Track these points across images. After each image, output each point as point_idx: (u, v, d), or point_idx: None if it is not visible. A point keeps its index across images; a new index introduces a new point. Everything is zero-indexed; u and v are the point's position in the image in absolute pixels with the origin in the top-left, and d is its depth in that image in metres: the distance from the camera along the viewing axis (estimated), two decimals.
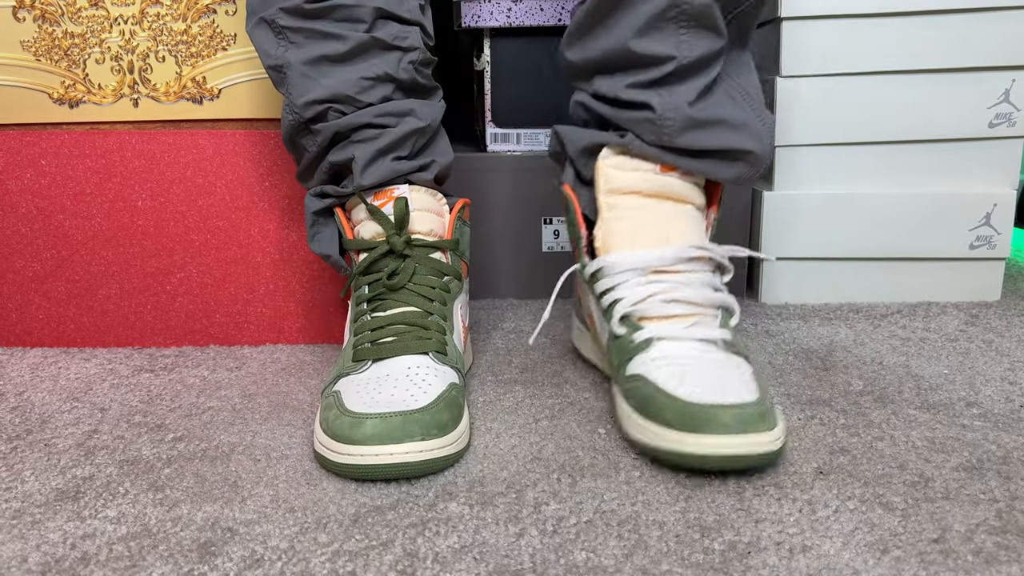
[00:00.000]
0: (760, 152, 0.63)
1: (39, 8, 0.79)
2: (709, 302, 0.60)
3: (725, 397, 0.52)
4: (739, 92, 0.64)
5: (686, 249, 0.61)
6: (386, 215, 0.65)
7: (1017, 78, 0.84)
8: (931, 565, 0.45)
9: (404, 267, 0.65)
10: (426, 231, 0.67)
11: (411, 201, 0.66)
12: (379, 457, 0.53)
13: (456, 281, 0.68)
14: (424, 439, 0.53)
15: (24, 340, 0.82)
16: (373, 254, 0.65)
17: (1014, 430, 0.60)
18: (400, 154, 0.67)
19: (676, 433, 0.52)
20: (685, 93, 0.61)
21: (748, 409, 0.51)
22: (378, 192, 0.67)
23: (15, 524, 0.51)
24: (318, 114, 0.66)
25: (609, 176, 0.64)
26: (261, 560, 0.47)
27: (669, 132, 0.62)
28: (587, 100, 0.67)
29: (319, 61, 0.65)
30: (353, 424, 0.54)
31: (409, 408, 0.55)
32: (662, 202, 0.63)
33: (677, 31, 0.60)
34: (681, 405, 0.52)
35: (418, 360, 0.61)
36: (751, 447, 0.51)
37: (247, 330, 0.82)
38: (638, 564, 0.45)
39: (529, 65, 0.92)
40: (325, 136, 0.67)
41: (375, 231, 0.66)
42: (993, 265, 0.89)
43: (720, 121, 0.62)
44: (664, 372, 0.56)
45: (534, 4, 0.88)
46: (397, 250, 0.65)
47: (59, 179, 0.78)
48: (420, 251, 0.66)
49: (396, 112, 0.67)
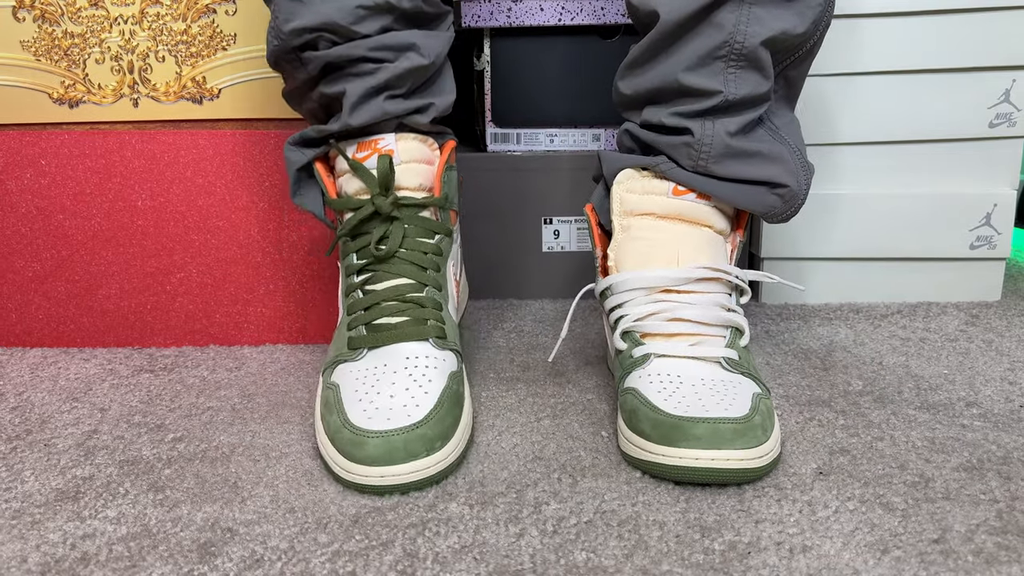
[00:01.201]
0: (795, 188, 0.64)
1: (39, 8, 0.78)
2: (716, 322, 0.61)
3: (706, 412, 0.53)
4: (780, 137, 0.65)
5: (695, 270, 0.61)
6: (369, 171, 0.62)
7: (1017, 78, 0.84)
8: (931, 565, 0.45)
9: (392, 231, 0.62)
10: (415, 186, 0.64)
11: (399, 152, 0.63)
12: (384, 479, 0.52)
13: (447, 239, 0.65)
14: (429, 454, 0.53)
15: (24, 340, 0.82)
16: (358, 214, 0.62)
17: (1014, 430, 0.60)
18: (395, 92, 0.63)
19: (652, 445, 0.53)
20: (727, 124, 0.62)
21: (726, 424, 0.52)
22: (362, 142, 0.63)
23: (15, 524, 0.51)
24: (307, 42, 0.62)
25: (624, 198, 0.65)
26: (261, 560, 0.47)
27: (705, 158, 0.62)
28: (633, 128, 0.67)
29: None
30: (355, 442, 0.53)
31: (412, 420, 0.53)
32: (676, 224, 0.64)
33: (726, 69, 0.61)
34: (659, 417, 0.53)
35: (416, 348, 0.59)
36: (722, 462, 0.51)
37: (247, 330, 0.82)
38: (638, 564, 0.45)
39: (529, 65, 0.92)
40: (315, 66, 0.63)
41: (358, 187, 0.63)
42: (993, 265, 0.89)
43: (757, 153, 0.63)
44: (654, 387, 0.56)
45: (534, 4, 0.88)
46: (383, 212, 0.62)
47: (59, 179, 0.78)
48: (408, 211, 0.63)
49: (395, 46, 0.62)
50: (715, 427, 0.51)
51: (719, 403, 0.54)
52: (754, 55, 0.61)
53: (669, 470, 0.52)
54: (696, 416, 0.52)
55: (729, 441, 0.51)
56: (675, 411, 0.53)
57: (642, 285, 0.62)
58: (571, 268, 0.94)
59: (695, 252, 0.63)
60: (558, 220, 0.93)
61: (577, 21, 0.88)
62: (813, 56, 0.66)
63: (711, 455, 0.51)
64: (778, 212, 0.65)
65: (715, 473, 0.51)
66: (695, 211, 0.64)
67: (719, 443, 0.51)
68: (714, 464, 0.51)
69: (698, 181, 0.63)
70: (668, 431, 0.52)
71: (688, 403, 0.54)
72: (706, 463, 0.51)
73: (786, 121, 0.67)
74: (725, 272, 0.62)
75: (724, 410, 0.53)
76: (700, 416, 0.52)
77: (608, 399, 0.67)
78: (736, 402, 0.54)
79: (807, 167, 0.66)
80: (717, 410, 0.53)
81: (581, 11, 0.88)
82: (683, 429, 0.52)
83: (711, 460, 0.51)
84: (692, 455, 0.51)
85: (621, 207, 0.65)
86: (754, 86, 0.62)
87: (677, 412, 0.53)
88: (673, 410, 0.53)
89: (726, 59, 0.61)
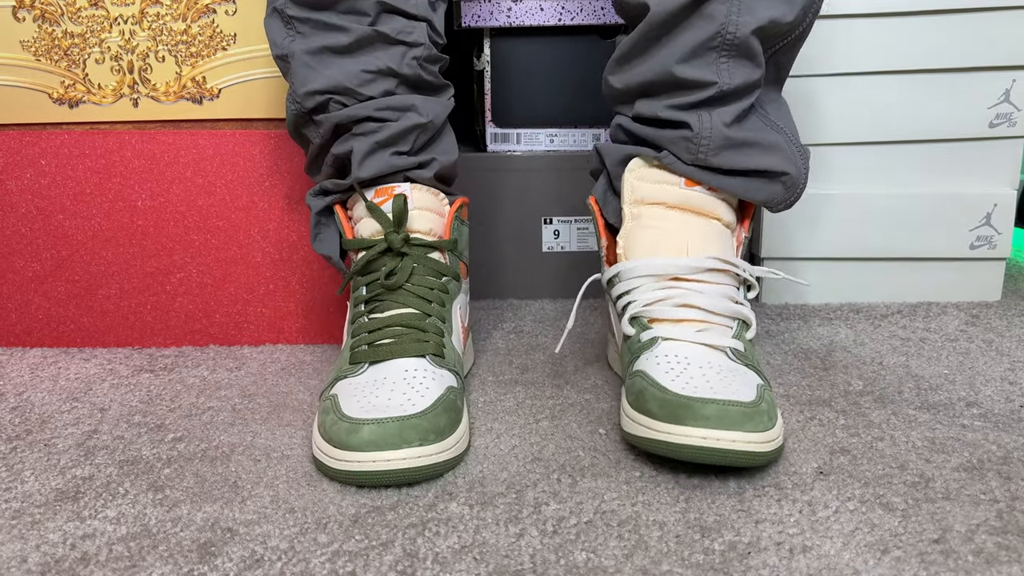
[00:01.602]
0: (795, 175, 0.64)
1: (39, 8, 0.78)
2: (725, 312, 0.60)
3: (715, 393, 0.52)
4: (772, 124, 0.66)
5: (705, 260, 0.61)
6: (384, 212, 0.65)
7: (1017, 78, 0.84)
8: (931, 565, 0.45)
9: (402, 266, 0.65)
10: (425, 230, 0.67)
11: (411, 200, 0.66)
12: (376, 464, 0.53)
13: (454, 282, 0.68)
14: (422, 444, 0.53)
15: (24, 340, 0.82)
16: (371, 252, 0.65)
17: (1014, 430, 0.60)
18: (400, 149, 0.67)
19: (659, 423, 0.52)
20: (723, 115, 0.62)
21: (734, 407, 0.51)
22: (379, 189, 0.67)
23: (15, 524, 0.51)
24: (319, 104, 0.67)
25: (635, 187, 0.65)
26: (261, 560, 0.47)
27: (704, 151, 0.63)
28: (627, 123, 0.68)
29: (321, 52, 0.66)
30: (350, 430, 0.54)
31: (406, 413, 0.54)
32: (685, 214, 0.64)
33: (719, 59, 0.61)
34: (667, 397, 0.53)
35: (415, 363, 0.61)
36: (729, 443, 0.50)
37: (247, 330, 0.82)
38: (638, 564, 0.45)
39: (529, 65, 0.92)
40: (327, 128, 0.67)
41: (374, 229, 0.66)
42: (993, 265, 0.89)
43: (755, 143, 0.63)
44: (661, 368, 0.56)
45: (534, 4, 0.88)
46: (395, 248, 0.65)
47: (59, 179, 0.78)
48: (418, 250, 0.66)
49: (397, 107, 0.67)
50: (724, 408, 0.51)
51: (727, 387, 0.54)
52: (746, 45, 0.61)
53: (675, 448, 0.52)
54: (705, 396, 0.52)
55: (738, 423, 0.51)
56: (683, 391, 0.53)
57: (651, 272, 0.62)
58: (571, 268, 0.94)
59: (704, 243, 0.63)
60: (558, 220, 0.93)
61: (577, 21, 0.88)
62: (803, 41, 0.66)
63: (718, 435, 0.50)
64: (780, 200, 0.65)
65: (722, 454, 0.51)
66: (705, 202, 0.64)
67: (728, 424, 0.51)
68: (720, 444, 0.50)
69: (699, 175, 0.64)
70: (676, 410, 0.52)
71: (696, 384, 0.54)
72: (713, 443, 0.50)
73: (776, 106, 0.67)
74: (734, 265, 0.62)
75: (732, 393, 0.52)
76: (709, 397, 0.52)
77: (607, 399, 0.67)
78: (744, 388, 0.54)
79: (803, 151, 0.66)
80: (726, 393, 0.52)
81: (581, 11, 0.88)
82: (692, 408, 0.51)
83: (718, 440, 0.50)
84: (700, 434, 0.51)
85: (632, 195, 0.65)
86: (747, 75, 0.62)
87: (686, 392, 0.53)
88: (681, 390, 0.53)
89: (718, 50, 0.61)
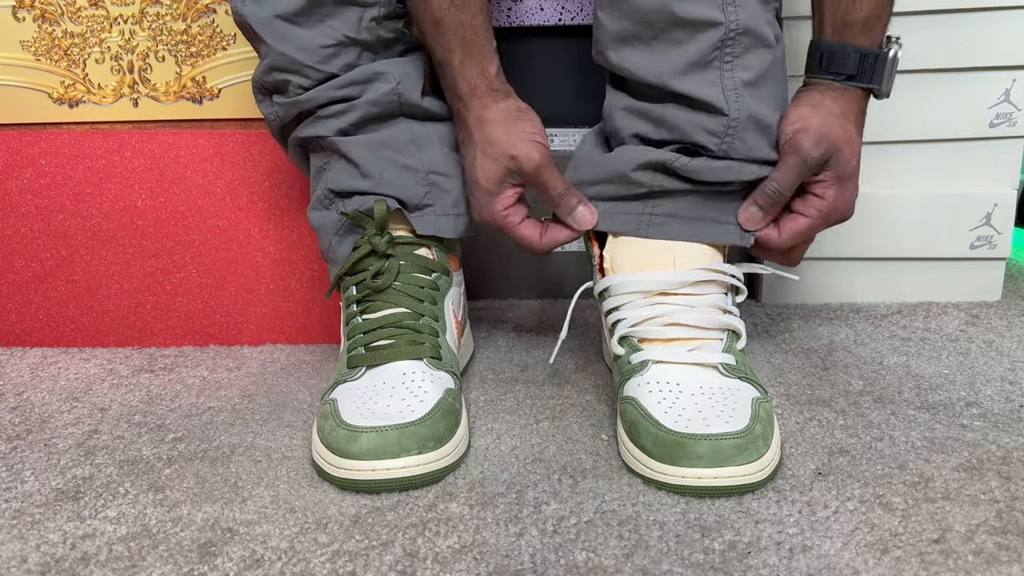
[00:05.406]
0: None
1: (39, 8, 0.78)
2: (714, 325, 0.60)
3: (707, 427, 0.53)
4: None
5: (692, 272, 0.61)
6: (365, 215, 0.65)
7: (1017, 78, 0.84)
8: (931, 565, 0.45)
9: (388, 266, 0.64)
10: (410, 228, 0.67)
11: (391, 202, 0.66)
12: (375, 472, 0.53)
13: (444, 277, 0.67)
14: (420, 452, 0.53)
15: (24, 340, 0.82)
16: (355, 255, 0.65)
17: (1014, 430, 0.59)
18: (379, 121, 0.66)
19: (655, 463, 0.53)
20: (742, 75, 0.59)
21: (727, 440, 0.52)
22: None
23: (15, 524, 0.51)
24: (278, 83, 0.65)
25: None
26: (261, 560, 0.47)
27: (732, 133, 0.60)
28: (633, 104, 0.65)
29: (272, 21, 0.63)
30: (349, 438, 0.54)
31: (405, 420, 0.54)
32: None
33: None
34: (661, 433, 0.53)
35: (413, 365, 0.61)
36: (725, 480, 0.51)
37: (247, 330, 0.82)
38: (638, 564, 0.45)
39: (529, 65, 0.92)
40: (289, 113, 0.66)
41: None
42: (993, 265, 0.88)
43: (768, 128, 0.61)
44: (654, 397, 0.56)
45: (534, 4, 0.88)
46: (380, 250, 0.64)
47: (59, 179, 0.78)
48: (403, 249, 0.66)
49: (360, 80, 0.65)
50: (716, 444, 0.52)
51: (719, 415, 0.54)
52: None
53: (672, 488, 0.53)
54: (697, 433, 0.52)
55: (731, 458, 0.51)
56: (676, 427, 0.53)
57: (639, 288, 0.62)
58: (571, 268, 0.94)
59: (693, 254, 0.62)
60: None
61: (577, 21, 0.88)
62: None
63: (713, 473, 0.51)
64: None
65: (717, 490, 0.52)
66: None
67: (721, 461, 0.51)
68: (716, 482, 0.51)
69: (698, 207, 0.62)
70: (670, 449, 0.52)
71: (689, 416, 0.54)
72: (709, 481, 0.51)
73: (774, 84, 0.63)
74: (721, 272, 0.62)
75: (725, 423, 0.53)
76: (701, 433, 0.52)
77: (607, 400, 0.67)
78: (736, 413, 0.54)
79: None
80: (718, 423, 0.53)
81: (581, 11, 0.88)
82: (685, 448, 0.52)
83: (713, 479, 0.51)
84: (695, 474, 0.52)
85: None
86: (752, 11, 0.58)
87: (678, 428, 0.53)
88: (674, 425, 0.53)
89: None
